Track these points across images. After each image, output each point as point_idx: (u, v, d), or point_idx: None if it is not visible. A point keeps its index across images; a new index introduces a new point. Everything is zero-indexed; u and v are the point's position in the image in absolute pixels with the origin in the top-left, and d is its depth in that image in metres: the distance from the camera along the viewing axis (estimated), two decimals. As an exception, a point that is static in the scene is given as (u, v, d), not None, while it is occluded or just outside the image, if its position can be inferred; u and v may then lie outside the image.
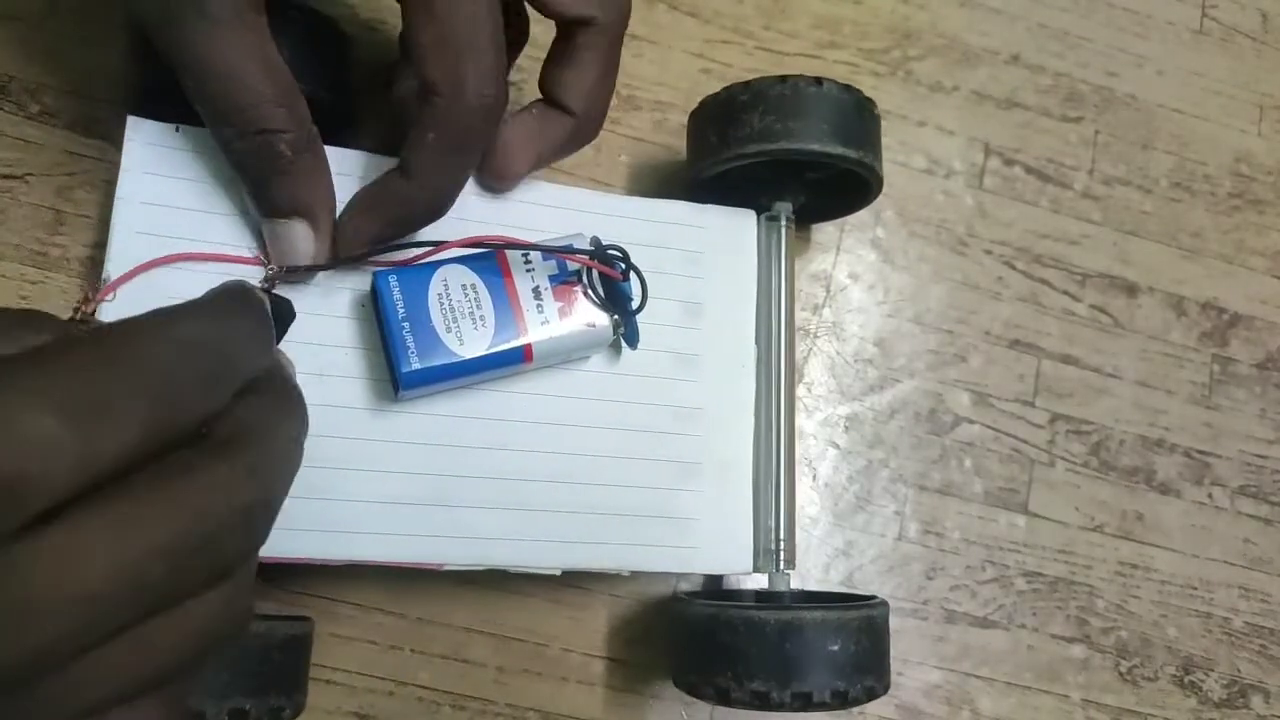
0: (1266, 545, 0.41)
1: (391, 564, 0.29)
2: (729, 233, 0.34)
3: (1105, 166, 0.44)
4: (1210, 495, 0.41)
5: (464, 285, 0.29)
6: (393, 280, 0.29)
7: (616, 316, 0.30)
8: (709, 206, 0.34)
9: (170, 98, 0.27)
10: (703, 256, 0.34)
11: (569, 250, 0.30)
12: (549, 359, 0.30)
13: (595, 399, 0.32)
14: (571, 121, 0.31)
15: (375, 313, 0.29)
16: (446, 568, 0.30)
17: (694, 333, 0.33)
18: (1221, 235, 0.44)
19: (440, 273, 0.29)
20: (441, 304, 0.29)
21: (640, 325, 0.31)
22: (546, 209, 0.32)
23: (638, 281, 0.30)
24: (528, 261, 0.30)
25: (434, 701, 0.33)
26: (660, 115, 0.40)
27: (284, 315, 0.23)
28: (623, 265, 0.30)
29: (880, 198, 0.41)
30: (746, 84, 0.33)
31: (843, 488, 0.39)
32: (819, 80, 0.33)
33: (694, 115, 0.35)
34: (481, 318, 0.29)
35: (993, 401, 0.40)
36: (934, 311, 0.41)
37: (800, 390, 0.39)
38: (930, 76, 0.43)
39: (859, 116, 0.33)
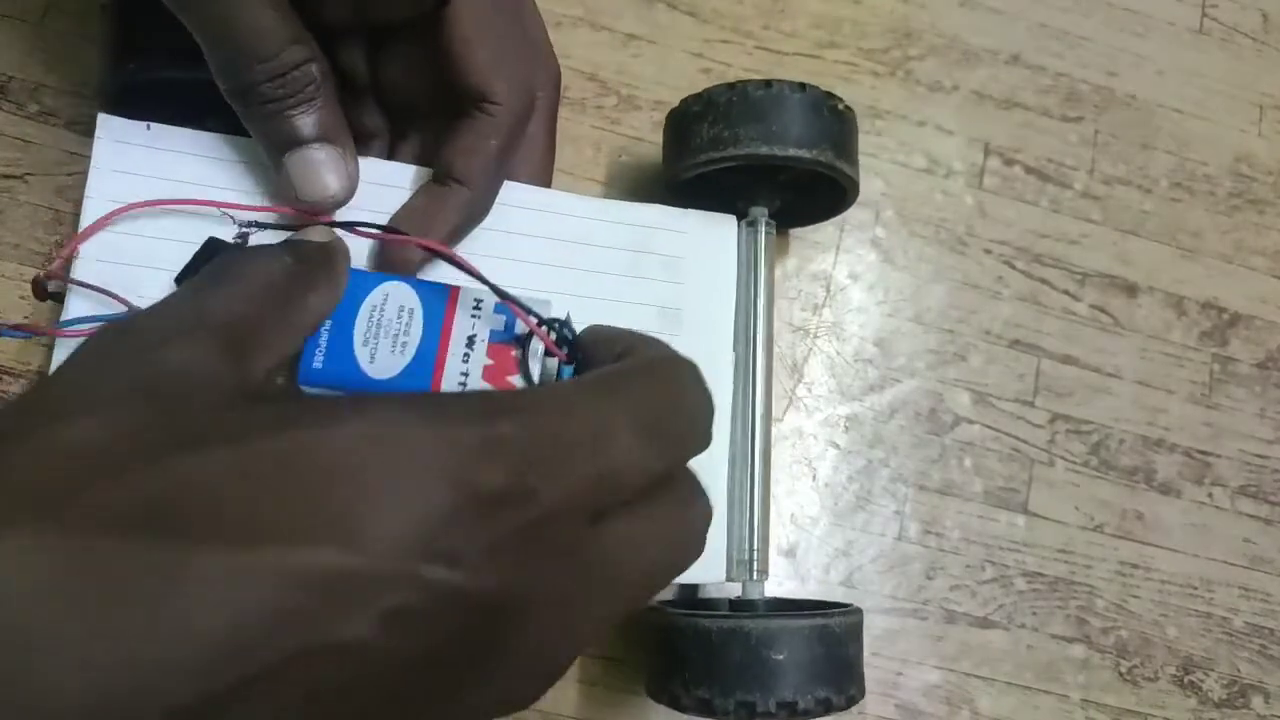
0: (1266, 545, 0.41)
1: None
2: (709, 237, 0.34)
3: (1105, 166, 0.43)
4: (1210, 495, 0.41)
5: (402, 307, 0.27)
6: None
7: None
8: (689, 211, 0.34)
9: (143, 98, 0.27)
10: (682, 262, 0.33)
11: (516, 302, 0.27)
12: None
13: None
14: (466, 194, 0.29)
15: None
16: None
17: (672, 339, 0.33)
18: (1221, 235, 0.44)
19: (384, 286, 0.28)
20: (371, 317, 0.27)
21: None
22: (524, 211, 0.31)
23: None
24: (477, 307, 0.28)
25: (433, 701, 0.33)
26: (659, 115, 0.39)
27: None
28: (568, 349, 0.27)
29: (880, 197, 0.41)
30: (699, 94, 0.33)
31: (843, 488, 0.38)
32: (768, 83, 0.32)
33: (665, 126, 0.35)
34: (404, 345, 0.27)
35: (993, 401, 0.40)
36: (934, 311, 0.41)
37: (800, 390, 0.39)
38: (930, 76, 0.43)
39: (817, 116, 0.32)
